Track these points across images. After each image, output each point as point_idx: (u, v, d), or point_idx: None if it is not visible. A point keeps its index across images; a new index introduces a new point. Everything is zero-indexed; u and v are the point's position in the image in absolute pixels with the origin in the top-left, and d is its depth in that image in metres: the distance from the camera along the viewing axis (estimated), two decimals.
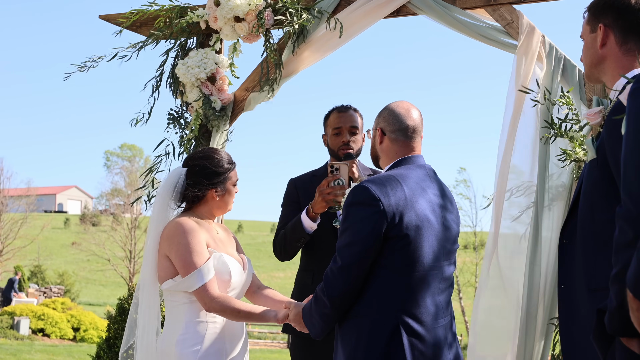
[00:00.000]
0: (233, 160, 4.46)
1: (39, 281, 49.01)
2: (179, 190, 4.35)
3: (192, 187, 4.32)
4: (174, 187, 4.35)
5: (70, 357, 20.15)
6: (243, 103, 5.69)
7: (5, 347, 21.83)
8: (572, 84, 4.83)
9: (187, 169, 4.38)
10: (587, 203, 3.15)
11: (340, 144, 5.07)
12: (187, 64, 5.55)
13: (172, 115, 5.73)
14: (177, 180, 4.35)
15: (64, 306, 30.04)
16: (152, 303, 4.38)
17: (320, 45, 5.51)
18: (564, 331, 3.31)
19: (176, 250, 4.16)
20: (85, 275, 67.50)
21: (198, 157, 4.42)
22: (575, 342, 3.21)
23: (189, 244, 4.14)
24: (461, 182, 45.54)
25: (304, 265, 5.16)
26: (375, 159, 4.05)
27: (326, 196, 4.71)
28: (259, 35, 5.53)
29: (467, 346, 4.98)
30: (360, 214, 3.62)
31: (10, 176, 53.25)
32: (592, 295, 3.06)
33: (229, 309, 4.11)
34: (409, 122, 3.89)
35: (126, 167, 61.41)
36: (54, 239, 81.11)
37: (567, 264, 3.31)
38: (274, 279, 63.70)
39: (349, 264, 3.59)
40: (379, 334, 3.59)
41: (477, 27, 5.10)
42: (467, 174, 55.91)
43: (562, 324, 3.32)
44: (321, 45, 5.51)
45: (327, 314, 3.71)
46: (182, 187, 4.35)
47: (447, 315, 3.79)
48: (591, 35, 3.34)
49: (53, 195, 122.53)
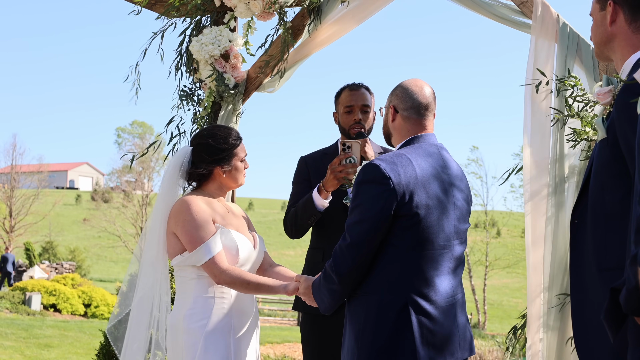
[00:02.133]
0: (239, 136, 4.46)
1: (51, 257, 49.21)
2: (184, 169, 4.38)
3: (196, 166, 4.35)
4: (180, 166, 4.38)
5: (82, 333, 20.27)
6: (256, 81, 5.69)
7: (17, 322, 21.96)
8: (586, 63, 4.81)
9: (193, 147, 4.40)
10: (598, 183, 3.13)
11: (351, 122, 5.07)
12: (201, 41, 5.54)
13: (185, 92, 5.73)
14: (182, 159, 4.38)
15: (74, 282, 30.22)
16: (160, 279, 4.43)
17: (336, 26, 5.51)
18: (575, 312, 3.29)
19: (182, 227, 4.20)
20: (96, 252, 67.70)
21: (202, 135, 4.44)
22: (586, 322, 3.20)
23: (194, 219, 4.18)
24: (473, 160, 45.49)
25: (315, 243, 5.16)
26: (388, 136, 4.04)
27: (338, 174, 4.71)
28: (273, 13, 5.51)
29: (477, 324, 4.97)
30: (370, 192, 3.62)
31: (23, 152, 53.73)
32: (602, 275, 3.04)
33: (239, 281, 4.15)
34: (422, 100, 3.88)
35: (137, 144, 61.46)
36: (65, 215, 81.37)
37: (578, 244, 3.29)
38: (284, 257, 63.79)
39: (358, 242, 3.60)
40: (388, 312, 3.59)
41: (491, 6, 5.07)
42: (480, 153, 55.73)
43: (574, 304, 3.31)
44: (336, 25, 5.50)
45: (336, 290, 3.72)
46: (188, 166, 4.38)
47: (457, 294, 3.79)
48: (600, 12, 3.29)
49: (65, 172, 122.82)
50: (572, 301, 3.32)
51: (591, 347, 3.18)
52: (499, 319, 48.16)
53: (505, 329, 41.13)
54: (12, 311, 25.85)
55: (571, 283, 3.32)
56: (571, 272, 3.32)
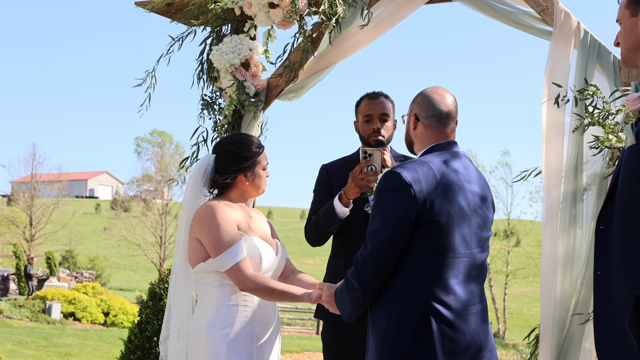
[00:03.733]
0: (262, 144, 4.47)
1: (70, 266, 49.46)
2: (207, 177, 4.38)
3: (220, 174, 4.35)
4: (203, 174, 4.38)
5: (102, 342, 20.33)
6: (277, 89, 5.70)
7: (37, 331, 22.06)
8: (607, 70, 4.80)
9: (216, 155, 4.41)
10: (626, 188, 3.10)
11: (370, 131, 5.07)
12: (221, 50, 5.55)
13: (206, 101, 5.75)
14: (206, 167, 4.38)
15: (94, 291, 30.31)
16: (184, 287, 4.43)
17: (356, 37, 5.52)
18: (598, 319, 3.26)
19: (207, 232, 4.18)
20: (115, 261, 68.01)
21: (225, 142, 4.44)
22: (610, 330, 3.17)
23: (219, 225, 4.17)
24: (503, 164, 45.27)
25: (336, 251, 5.16)
26: (410, 144, 4.04)
27: (359, 182, 4.71)
28: (292, 22, 5.52)
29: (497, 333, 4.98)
30: (391, 200, 3.62)
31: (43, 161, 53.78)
32: (629, 281, 3.01)
33: (263, 288, 4.14)
34: (443, 108, 3.88)
35: (157, 153, 61.67)
36: (85, 224, 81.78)
37: (603, 250, 3.26)
38: (303, 266, 63.85)
39: (380, 250, 3.60)
40: (409, 319, 3.59)
41: (511, 14, 5.08)
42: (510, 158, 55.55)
43: (597, 312, 3.28)
44: (356, 37, 5.52)
45: (358, 298, 3.72)
46: (211, 173, 4.38)
47: (479, 303, 3.77)
48: (631, 19, 3.26)
49: (84, 181, 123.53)
50: (595, 307, 3.29)
51: (614, 355, 3.16)
52: (519, 328, 47.92)
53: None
54: (32, 320, 25.97)
55: (595, 289, 3.29)
56: (595, 278, 3.29)
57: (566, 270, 4.79)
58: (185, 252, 4.36)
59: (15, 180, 56.79)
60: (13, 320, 25.24)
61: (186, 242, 4.35)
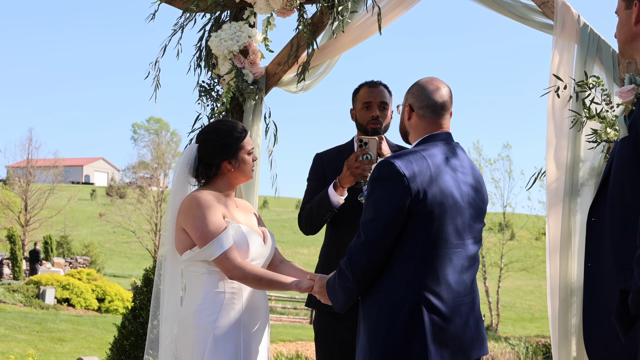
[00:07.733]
0: (245, 128, 4.43)
1: (65, 252, 49.45)
2: (192, 167, 4.36)
3: (203, 163, 4.33)
4: (187, 163, 4.35)
5: (95, 327, 20.36)
6: (275, 77, 5.70)
7: (31, 315, 22.09)
8: (606, 64, 4.81)
9: (198, 144, 4.38)
10: (618, 181, 3.10)
11: (369, 118, 5.07)
12: (220, 37, 5.55)
13: (204, 87, 5.74)
14: (189, 157, 4.35)
15: (89, 277, 30.33)
16: (174, 274, 4.43)
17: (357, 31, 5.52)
18: (587, 311, 3.28)
19: (192, 223, 4.17)
20: (110, 247, 67.94)
21: (206, 131, 4.42)
22: (599, 321, 3.19)
23: (204, 215, 4.15)
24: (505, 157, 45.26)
25: (329, 240, 5.16)
26: (405, 134, 4.04)
27: (354, 170, 4.71)
28: (292, 10, 5.51)
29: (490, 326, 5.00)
30: (384, 189, 3.63)
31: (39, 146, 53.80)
32: (620, 274, 3.02)
33: (251, 276, 4.13)
34: (438, 99, 3.87)
35: (154, 140, 61.61)
36: (80, 210, 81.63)
37: (594, 242, 3.27)
38: (297, 255, 63.79)
39: (372, 239, 3.60)
40: (400, 310, 3.59)
41: (512, 7, 5.07)
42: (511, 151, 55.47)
43: (587, 303, 3.29)
44: (358, 31, 5.51)
45: (350, 288, 3.72)
46: (195, 163, 4.36)
47: (470, 294, 3.78)
48: (626, 11, 3.26)
49: (80, 167, 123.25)
50: (584, 299, 3.30)
51: (601, 346, 3.17)
52: (512, 321, 48.05)
53: (518, 332, 41.06)
54: (26, 305, 25.99)
55: (585, 281, 3.31)
56: (586, 269, 3.30)
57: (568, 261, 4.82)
58: (173, 240, 4.36)
59: (10, 165, 56.76)
60: (7, 305, 25.26)
61: (173, 231, 4.34)
